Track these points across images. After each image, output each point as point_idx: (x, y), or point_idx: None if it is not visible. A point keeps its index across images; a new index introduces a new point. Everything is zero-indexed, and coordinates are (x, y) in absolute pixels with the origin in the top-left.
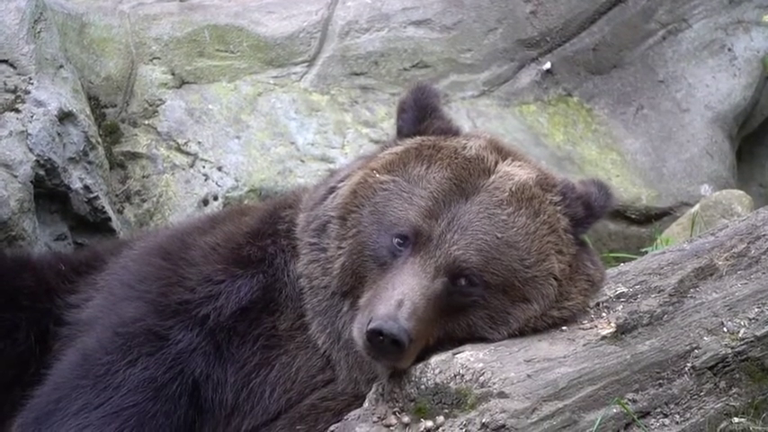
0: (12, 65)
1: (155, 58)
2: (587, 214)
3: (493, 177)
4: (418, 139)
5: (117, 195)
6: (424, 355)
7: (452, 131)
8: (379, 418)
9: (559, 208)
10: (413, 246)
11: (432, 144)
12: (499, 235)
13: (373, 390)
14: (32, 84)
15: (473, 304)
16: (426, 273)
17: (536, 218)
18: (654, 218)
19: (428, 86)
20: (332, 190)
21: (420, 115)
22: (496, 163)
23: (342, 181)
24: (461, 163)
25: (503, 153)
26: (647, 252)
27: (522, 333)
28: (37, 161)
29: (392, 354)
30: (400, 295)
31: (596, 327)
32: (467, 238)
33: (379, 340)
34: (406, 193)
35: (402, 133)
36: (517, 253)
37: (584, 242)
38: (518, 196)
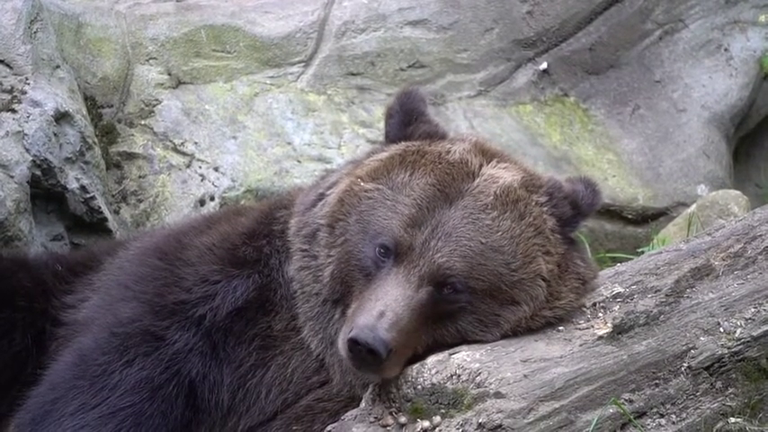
0: (8, 65)
1: (151, 59)
2: (575, 213)
3: (477, 181)
4: (403, 144)
5: (113, 196)
6: (414, 362)
7: (439, 135)
8: (375, 418)
9: (545, 209)
10: (395, 256)
11: (416, 149)
12: (483, 240)
13: (370, 390)
14: (29, 84)
15: (460, 310)
16: (410, 283)
17: (521, 220)
18: (650, 218)
19: (414, 91)
20: (321, 196)
21: (406, 120)
22: (481, 166)
23: (330, 188)
24: (445, 168)
25: (488, 155)
26: (643, 252)
27: (515, 334)
28: (33, 161)
29: (371, 364)
30: (383, 306)
31: (593, 327)
32: (451, 245)
33: (357, 349)
34: (390, 201)
35: (389, 139)
36: (502, 257)
37: (574, 240)
38: (502, 199)
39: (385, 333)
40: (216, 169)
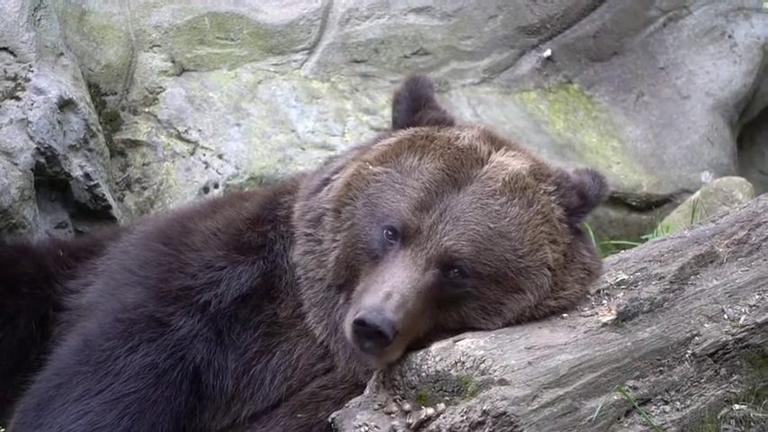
0: (12, 52)
1: (155, 46)
2: (582, 204)
3: (486, 167)
4: (412, 130)
5: (117, 183)
6: (416, 347)
7: (447, 122)
8: (380, 405)
9: (553, 198)
10: (403, 238)
11: (425, 135)
12: (491, 225)
13: (374, 377)
14: (33, 71)
15: (465, 296)
16: (417, 265)
17: (529, 208)
18: (654, 205)
19: (422, 77)
20: (326, 181)
21: (414, 106)
22: (490, 153)
23: (336, 172)
24: (454, 153)
25: (496, 143)
26: (647, 239)
27: (518, 323)
28: (37, 149)
29: (377, 346)
30: (389, 288)
31: (597, 314)
32: (458, 229)
33: (364, 331)
34: (399, 184)
35: (397, 124)
36: (510, 243)
37: (580, 230)
38: (511, 186)
39: (392, 314)
40: (220, 157)
